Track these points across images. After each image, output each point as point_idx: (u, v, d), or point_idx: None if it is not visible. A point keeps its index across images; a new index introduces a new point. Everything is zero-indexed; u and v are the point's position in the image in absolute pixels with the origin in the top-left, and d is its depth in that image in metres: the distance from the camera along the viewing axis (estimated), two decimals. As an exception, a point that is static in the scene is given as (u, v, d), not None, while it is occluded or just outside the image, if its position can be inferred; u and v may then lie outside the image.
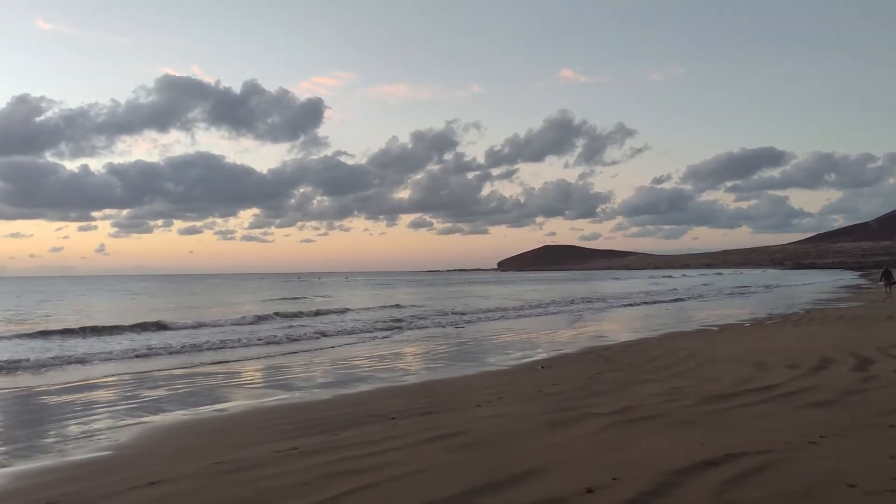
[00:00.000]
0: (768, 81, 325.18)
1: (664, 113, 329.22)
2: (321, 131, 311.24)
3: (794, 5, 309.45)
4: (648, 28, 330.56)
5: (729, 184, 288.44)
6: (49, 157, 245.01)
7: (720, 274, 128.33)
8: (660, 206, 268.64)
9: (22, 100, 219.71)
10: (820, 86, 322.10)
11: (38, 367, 15.60)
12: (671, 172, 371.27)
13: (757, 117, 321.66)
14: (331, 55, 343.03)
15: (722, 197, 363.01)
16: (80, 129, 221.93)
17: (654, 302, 41.03)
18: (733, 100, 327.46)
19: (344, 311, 34.17)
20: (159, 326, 24.67)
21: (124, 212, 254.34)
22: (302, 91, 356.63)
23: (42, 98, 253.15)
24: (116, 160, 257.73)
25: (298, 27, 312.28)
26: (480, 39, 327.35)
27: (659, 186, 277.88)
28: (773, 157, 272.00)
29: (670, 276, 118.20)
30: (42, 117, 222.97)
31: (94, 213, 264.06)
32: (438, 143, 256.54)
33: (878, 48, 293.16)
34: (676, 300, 42.82)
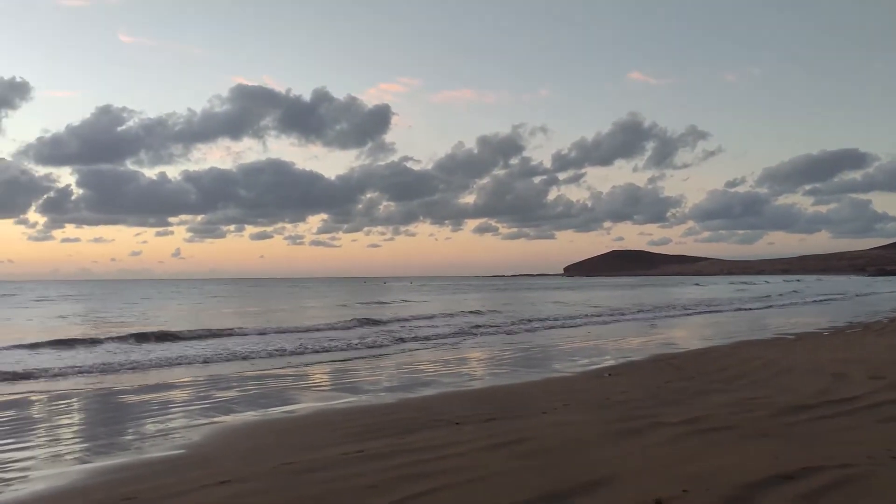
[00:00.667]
0: (850, 80, 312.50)
1: (738, 114, 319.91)
2: (388, 137, 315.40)
3: (871, 4, 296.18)
4: (722, 29, 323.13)
5: (808, 187, 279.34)
6: (129, 164, 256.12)
7: (799, 280, 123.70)
8: (733, 211, 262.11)
9: (105, 110, 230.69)
10: None
11: (134, 368, 16.27)
12: (746, 175, 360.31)
13: (837, 118, 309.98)
14: (396, 62, 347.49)
15: (800, 201, 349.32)
16: (158, 137, 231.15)
17: (736, 309, 39.83)
18: (812, 100, 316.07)
19: (414, 317, 34.41)
20: (233, 333, 25.37)
21: (199, 217, 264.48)
22: (369, 98, 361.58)
23: (124, 108, 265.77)
24: (192, 167, 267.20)
25: (365, 35, 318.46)
26: (547, 43, 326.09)
27: (732, 190, 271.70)
28: (855, 159, 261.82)
29: (752, 283, 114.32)
30: (123, 127, 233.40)
31: (171, 219, 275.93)
32: (504, 147, 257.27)
33: None
34: (763, 307, 41.44)
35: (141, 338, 22.64)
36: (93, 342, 21.54)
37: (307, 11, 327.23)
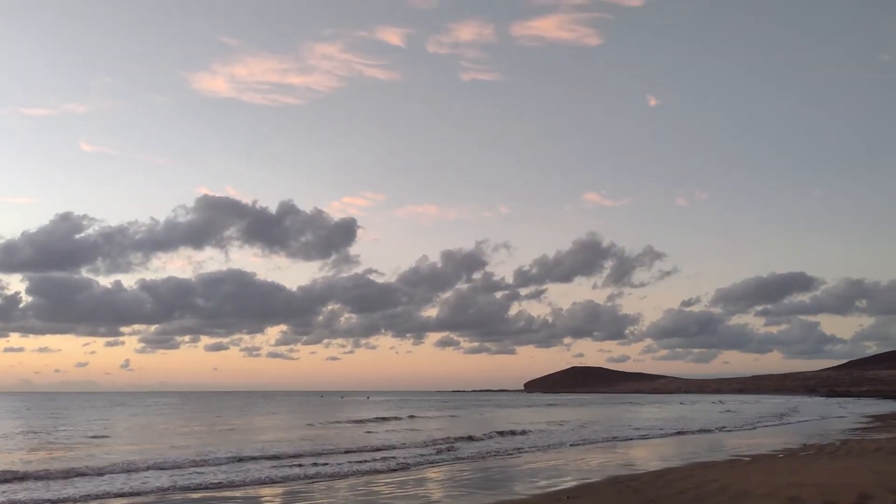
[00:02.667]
0: (795, 206, 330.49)
1: (692, 236, 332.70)
2: (353, 250, 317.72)
3: (818, 133, 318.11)
4: (670, 154, 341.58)
5: (759, 308, 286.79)
6: (84, 272, 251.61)
7: (759, 402, 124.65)
8: (689, 330, 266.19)
9: (65, 217, 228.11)
10: (848, 211, 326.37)
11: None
12: (700, 295, 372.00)
13: (785, 242, 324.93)
14: (360, 176, 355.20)
15: (752, 321, 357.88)
16: (117, 245, 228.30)
17: (687, 432, 39.88)
18: (760, 224, 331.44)
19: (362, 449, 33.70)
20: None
21: (152, 328, 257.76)
22: (333, 211, 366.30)
23: (84, 216, 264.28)
24: (150, 276, 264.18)
25: (331, 150, 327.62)
26: (506, 162, 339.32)
27: (688, 309, 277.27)
28: (802, 282, 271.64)
29: (714, 402, 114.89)
30: (82, 234, 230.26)
31: (123, 329, 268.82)
32: (468, 262, 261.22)
33: None
34: (708, 430, 41.59)
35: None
36: None
37: (273, 125, 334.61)
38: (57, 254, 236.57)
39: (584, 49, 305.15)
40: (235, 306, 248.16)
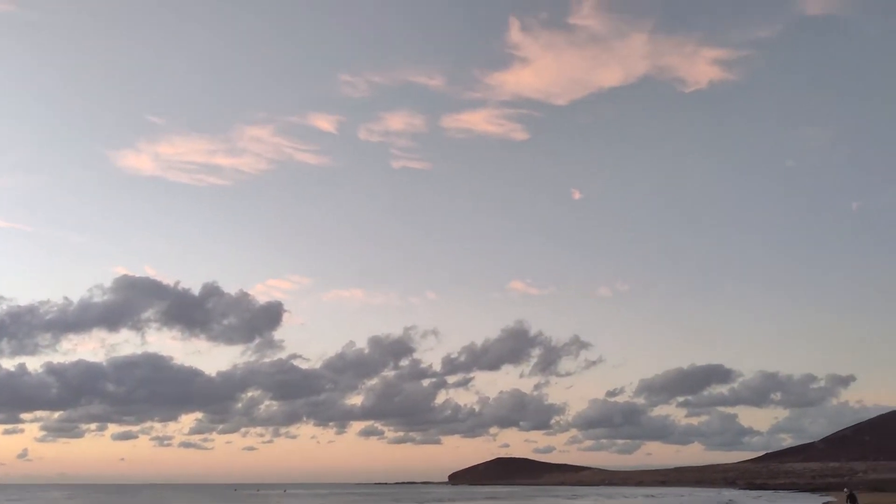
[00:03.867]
0: (710, 302, 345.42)
1: (616, 326, 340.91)
2: (278, 334, 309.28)
3: (728, 230, 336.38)
4: (593, 246, 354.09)
5: (680, 399, 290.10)
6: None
7: (693, 494, 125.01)
8: (614, 420, 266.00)
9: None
10: (761, 305, 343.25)
11: None
12: (625, 385, 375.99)
13: (703, 334, 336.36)
14: (286, 259, 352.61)
15: (674, 412, 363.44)
16: (25, 326, 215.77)
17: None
18: (679, 316, 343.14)
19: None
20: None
21: (56, 414, 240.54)
22: (258, 293, 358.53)
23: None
24: (58, 359, 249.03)
25: (256, 231, 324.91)
26: (434, 249, 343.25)
27: (613, 399, 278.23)
28: (721, 374, 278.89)
29: (642, 496, 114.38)
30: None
31: (24, 416, 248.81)
32: (396, 349, 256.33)
33: (810, 278, 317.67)
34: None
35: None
36: None
37: (199, 205, 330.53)
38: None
39: (511, 143, 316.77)
40: (148, 392, 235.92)
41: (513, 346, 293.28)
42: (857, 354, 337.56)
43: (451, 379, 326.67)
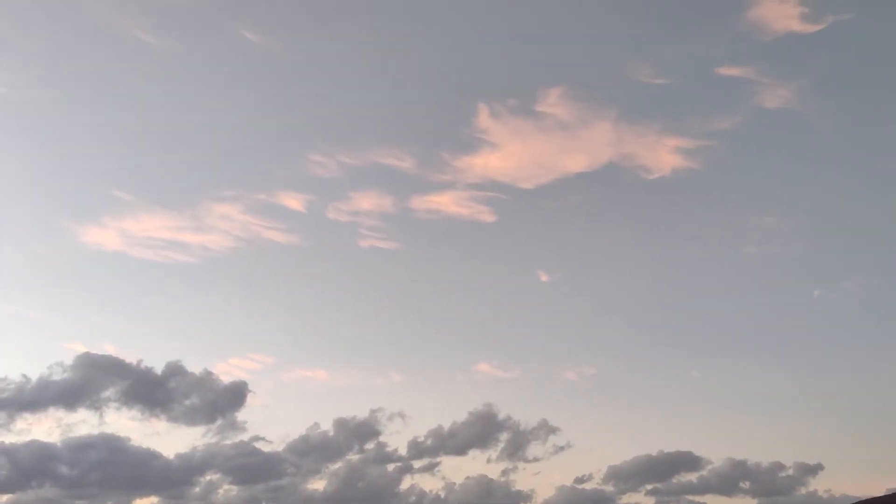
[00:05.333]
0: (677, 387, 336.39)
1: (583, 411, 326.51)
2: (241, 415, 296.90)
3: (690, 327, 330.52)
4: (559, 328, 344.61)
5: (649, 486, 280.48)
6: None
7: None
8: None
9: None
10: (728, 392, 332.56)
11: None
12: (593, 472, 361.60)
13: (671, 420, 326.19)
14: (248, 338, 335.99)
15: (642, 500, 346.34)
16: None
17: None
18: (646, 402, 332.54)
19: None
20: None
21: (4, 497, 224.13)
22: (219, 372, 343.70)
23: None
24: (11, 439, 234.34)
25: (218, 309, 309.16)
26: (399, 329, 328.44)
27: (581, 486, 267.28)
28: (689, 462, 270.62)
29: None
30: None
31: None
32: (361, 431, 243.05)
33: (775, 363, 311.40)
34: None
35: None
36: None
37: (163, 282, 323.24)
38: None
39: (479, 224, 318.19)
40: (103, 474, 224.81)
41: (480, 430, 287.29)
42: (825, 442, 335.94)
43: (417, 464, 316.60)
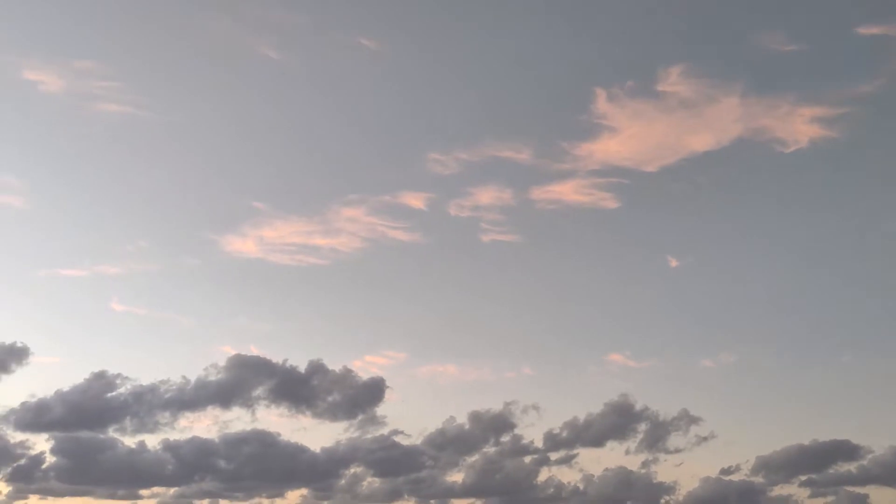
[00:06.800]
0: (826, 371, 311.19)
1: (726, 400, 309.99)
2: (380, 410, 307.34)
3: (841, 306, 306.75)
4: (693, 316, 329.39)
5: (803, 478, 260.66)
6: (111, 432, 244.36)
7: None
8: (729, 500, 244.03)
9: (100, 376, 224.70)
10: (884, 376, 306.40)
11: None
12: (740, 463, 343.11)
13: (824, 407, 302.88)
14: (381, 336, 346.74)
15: (796, 492, 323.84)
16: (146, 405, 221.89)
17: None
18: (795, 388, 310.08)
19: None
20: None
21: (171, 490, 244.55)
22: (357, 370, 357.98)
23: (118, 375, 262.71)
24: (175, 436, 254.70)
25: (351, 309, 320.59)
26: (527, 322, 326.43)
27: (727, 478, 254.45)
28: (847, 451, 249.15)
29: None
30: (114, 393, 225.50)
31: (143, 492, 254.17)
32: (496, 424, 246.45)
33: None
34: None
35: None
36: None
37: (298, 285, 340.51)
38: (87, 413, 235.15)
39: (602, 211, 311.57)
40: (257, 468, 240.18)
41: (617, 421, 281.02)
42: None
43: (553, 456, 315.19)
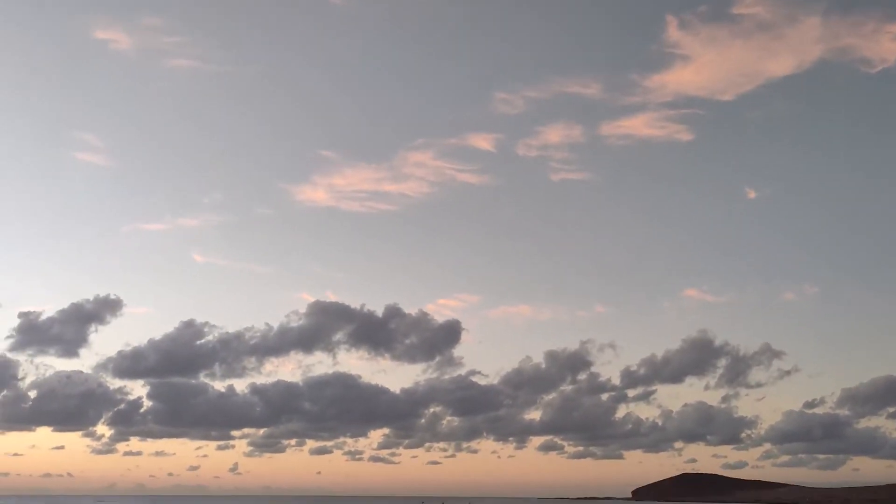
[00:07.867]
0: None
1: (808, 333, 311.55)
2: (457, 352, 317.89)
3: None
4: (773, 248, 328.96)
5: (891, 409, 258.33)
6: (202, 377, 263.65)
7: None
8: (813, 434, 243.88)
9: (188, 325, 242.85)
10: None
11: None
12: (825, 396, 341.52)
13: None
14: (454, 279, 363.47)
15: (884, 424, 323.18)
16: (233, 351, 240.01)
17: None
18: (883, 319, 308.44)
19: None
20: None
21: (261, 431, 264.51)
22: (432, 313, 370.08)
23: (206, 323, 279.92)
24: (261, 380, 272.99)
25: (423, 253, 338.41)
26: (598, 261, 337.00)
27: (811, 412, 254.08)
28: None
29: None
30: (202, 340, 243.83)
31: (234, 433, 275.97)
32: (572, 362, 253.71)
33: None
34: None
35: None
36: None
37: (370, 231, 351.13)
38: (178, 360, 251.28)
39: (676, 144, 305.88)
40: (340, 409, 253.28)
41: (696, 358, 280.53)
42: None
43: (631, 393, 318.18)
